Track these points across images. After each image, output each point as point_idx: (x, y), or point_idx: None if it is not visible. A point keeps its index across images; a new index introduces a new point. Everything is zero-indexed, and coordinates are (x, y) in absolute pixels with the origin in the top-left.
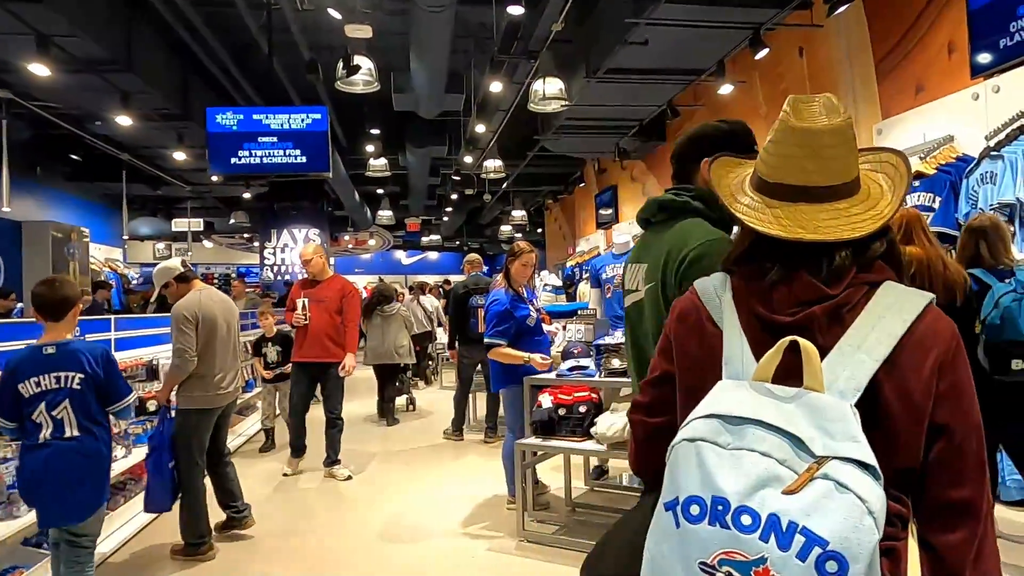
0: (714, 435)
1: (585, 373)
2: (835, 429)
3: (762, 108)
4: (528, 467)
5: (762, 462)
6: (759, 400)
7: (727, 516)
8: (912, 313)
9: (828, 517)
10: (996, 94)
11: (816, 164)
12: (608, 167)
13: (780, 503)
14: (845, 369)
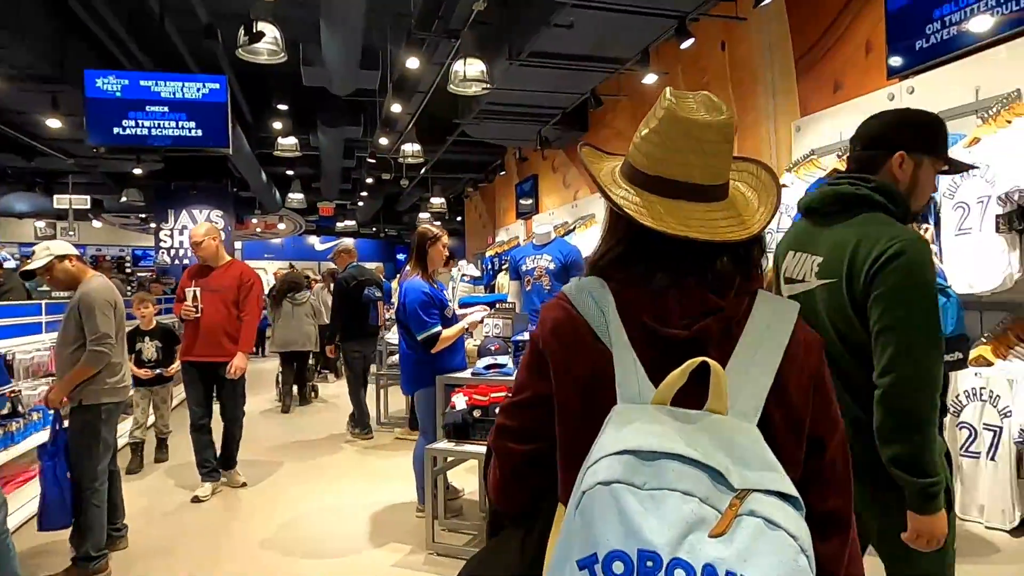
0: (629, 475)
1: (503, 372)
2: (748, 456)
3: None
4: (439, 473)
5: (686, 504)
6: (668, 429)
7: (659, 573)
8: (790, 324)
9: (763, 561)
10: (911, 95)
11: (700, 160)
12: (530, 156)
13: (712, 550)
14: (744, 387)
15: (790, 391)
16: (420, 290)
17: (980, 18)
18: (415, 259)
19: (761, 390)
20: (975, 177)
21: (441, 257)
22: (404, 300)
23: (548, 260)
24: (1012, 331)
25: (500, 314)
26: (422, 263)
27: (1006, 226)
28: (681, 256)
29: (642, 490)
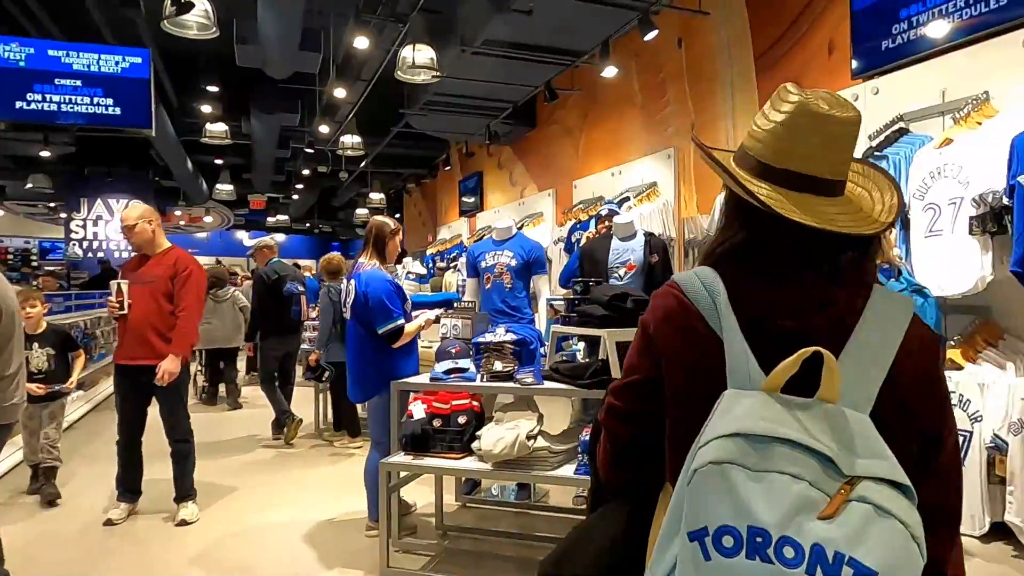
0: (740, 456)
1: (464, 377)
2: (859, 445)
3: (637, 97)
4: (394, 490)
5: (794, 486)
6: (779, 414)
7: (768, 549)
8: (906, 320)
9: (874, 546)
10: (875, 96)
11: (828, 155)
12: (476, 151)
13: (821, 532)
14: (856, 378)
15: (904, 386)
16: (385, 279)
17: (947, 19)
18: (372, 250)
19: (873, 382)
20: (947, 178)
21: (395, 252)
22: (365, 290)
23: (509, 256)
24: (980, 334)
25: (459, 314)
26: (380, 255)
27: (979, 228)
28: (800, 250)
29: (752, 471)
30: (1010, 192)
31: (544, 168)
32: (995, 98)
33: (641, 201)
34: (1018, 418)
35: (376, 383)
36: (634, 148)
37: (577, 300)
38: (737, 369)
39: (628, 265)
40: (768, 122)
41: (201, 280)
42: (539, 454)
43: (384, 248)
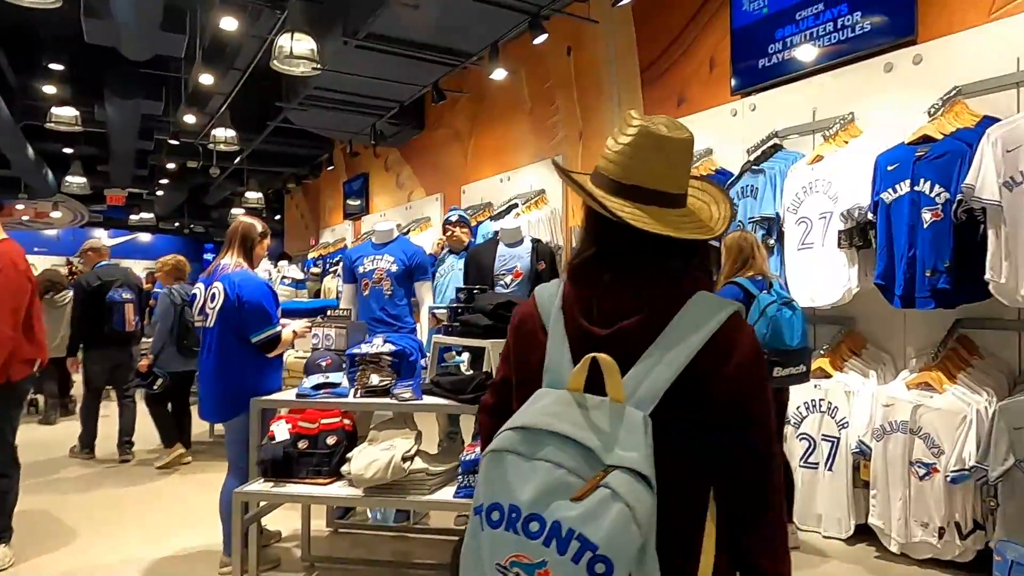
0: (518, 446)
1: (335, 392)
2: (622, 439)
3: (526, 104)
4: (252, 521)
5: (555, 472)
6: (563, 411)
7: (519, 523)
8: (716, 324)
9: (601, 524)
10: (753, 112)
11: (668, 171)
12: (361, 152)
13: (564, 511)
14: (646, 379)
15: (704, 385)
16: (262, 282)
17: (817, 43)
18: (239, 252)
19: (661, 383)
20: (818, 193)
21: (262, 257)
22: (239, 293)
23: (390, 261)
24: (846, 343)
25: (332, 323)
26: (248, 258)
27: (847, 242)
28: (632, 258)
29: (526, 458)
30: (874, 208)
31: (432, 172)
32: (859, 119)
33: (529, 208)
34: (880, 424)
35: (240, 400)
36: (523, 154)
37: (460, 309)
38: (551, 369)
39: (515, 272)
40: (617, 144)
41: (19, 279)
42: (416, 477)
43: (252, 251)
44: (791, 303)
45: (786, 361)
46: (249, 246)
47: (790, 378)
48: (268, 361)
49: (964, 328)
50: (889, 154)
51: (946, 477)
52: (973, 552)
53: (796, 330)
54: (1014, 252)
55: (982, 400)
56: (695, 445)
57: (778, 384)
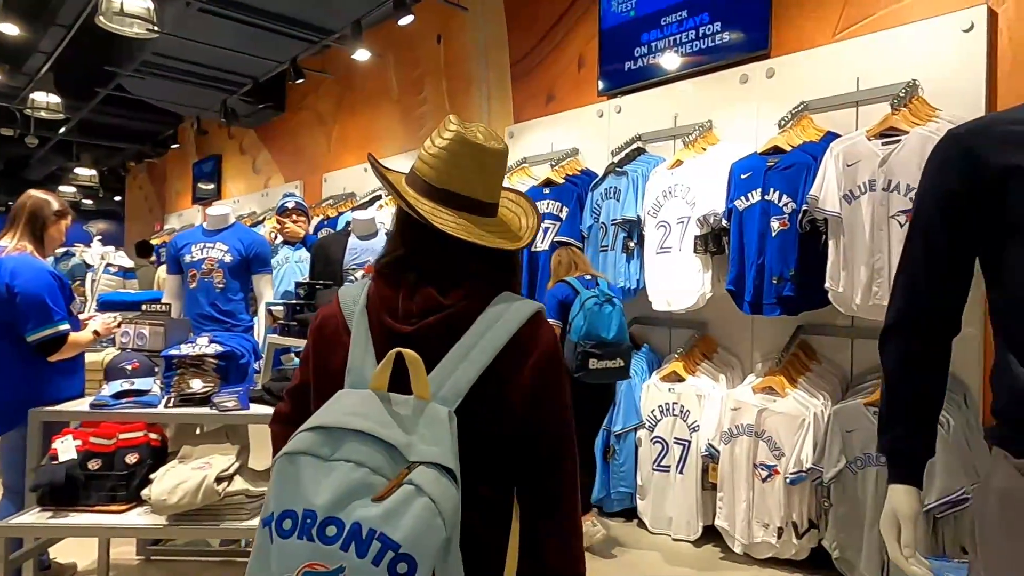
0: (316, 447)
1: (141, 401)
2: (427, 435)
3: (394, 91)
4: (24, 559)
5: (355, 472)
6: (366, 410)
7: (313, 529)
8: (517, 322)
9: (405, 522)
10: (618, 115)
11: (482, 180)
12: (212, 131)
13: (363, 512)
14: (450, 377)
15: (507, 379)
16: (45, 270)
17: (678, 50)
18: (24, 232)
19: (465, 380)
20: (677, 198)
21: (60, 242)
22: (10, 282)
23: (223, 251)
24: (698, 348)
25: (147, 319)
26: (36, 241)
27: (702, 247)
28: (433, 263)
29: (324, 460)
30: (728, 215)
31: (292, 157)
32: (717, 127)
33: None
34: (728, 428)
35: (16, 411)
36: (389, 144)
37: (299, 306)
38: (354, 369)
39: (366, 267)
40: (434, 147)
41: None
42: (233, 500)
43: (43, 233)
44: (612, 300)
45: (602, 353)
46: (39, 225)
47: (607, 371)
48: (62, 364)
49: (805, 334)
50: (743, 163)
51: (785, 478)
52: (807, 550)
53: (613, 324)
54: (851, 263)
55: (819, 404)
56: (498, 442)
57: (595, 378)
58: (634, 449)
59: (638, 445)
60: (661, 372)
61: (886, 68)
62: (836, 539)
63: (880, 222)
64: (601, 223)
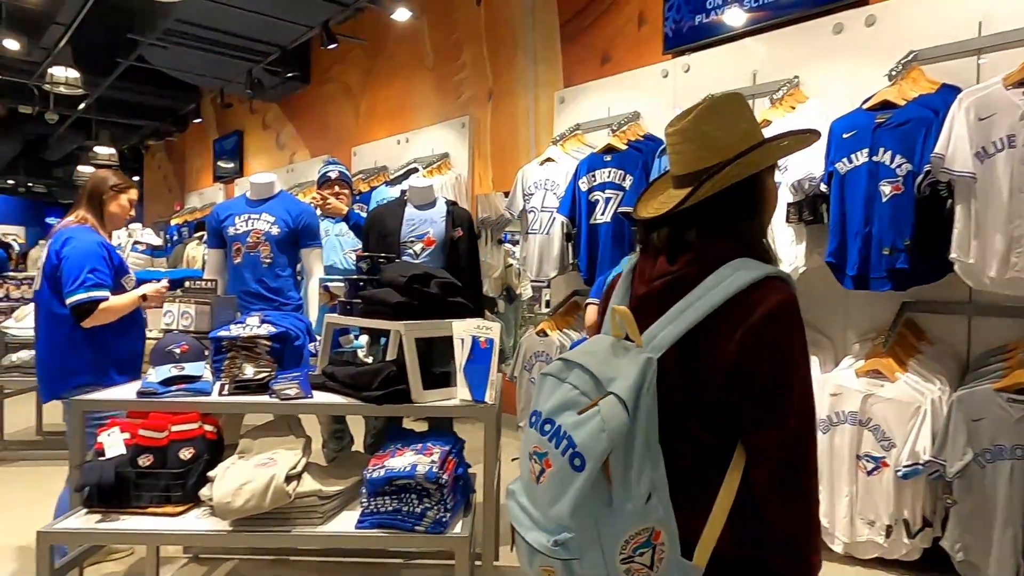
0: (557, 372)
1: (193, 388)
2: (625, 372)
3: (429, 58)
4: (70, 569)
5: (571, 392)
6: (594, 349)
7: (538, 424)
8: (735, 287)
9: (582, 430)
10: (686, 73)
11: (673, 156)
12: (235, 104)
13: (566, 419)
14: (661, 332)
15: (711, 341)
16: (93, 239)
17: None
18: (88, 208)
19: (671, 336)
20: None
21: (124, 216)
22: (59, 249)
23: (269, 222)
24: None
25: (192, 297)
26: (97, 216)
27: (796, 216)
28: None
29: (559, 380)
30: (827, 179)
31: (318, 131)
32: (804, 84)
33: (431, 173)
34: (827, 415)
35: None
36: (424, 114)
37: (362, 282)
38: (607, 319)
39: (426, 239)
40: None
41: None
42: (304, 502)
43: (102, 208)
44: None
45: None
46: (98, 201)
47: None
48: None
49: (912, 312)
50: (845, 120)
51: (896, 471)
52: (919, 551)
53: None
54: (984, 230)
55: (935, 389)
56: (702, 392)
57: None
58: None
59: None
60: None
61: (1015, 9)
62: (960, 539)
63: (1020, 183)
64: None
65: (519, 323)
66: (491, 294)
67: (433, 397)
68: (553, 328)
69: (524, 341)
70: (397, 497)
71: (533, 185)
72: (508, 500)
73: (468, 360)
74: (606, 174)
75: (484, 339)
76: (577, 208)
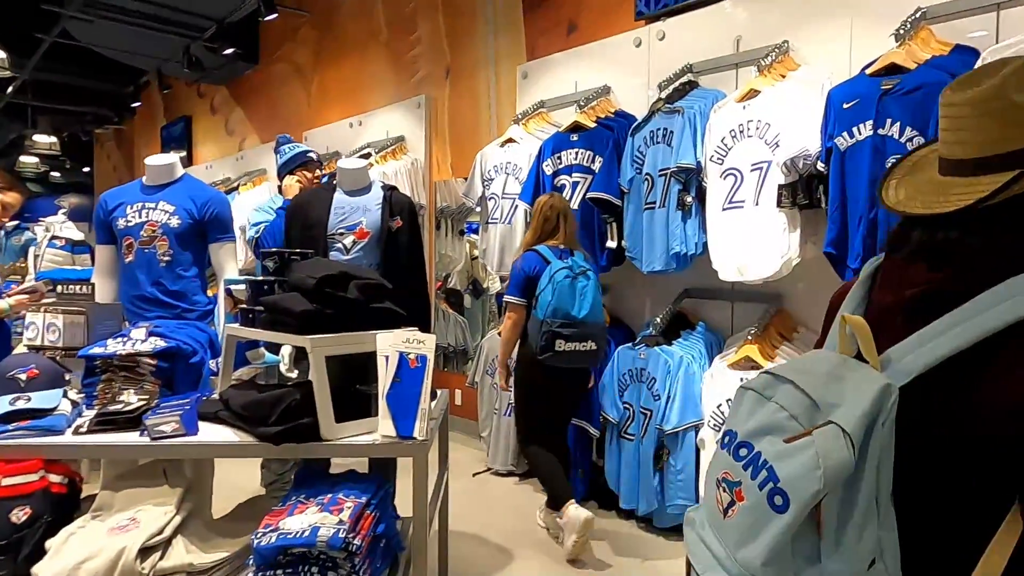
0: (761, 387)
1: (38, 425)
2: (852, 399)
3: (383, 33)
4: None
5: (778, 413)
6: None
7: (732, 446)
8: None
9: (789, 463)
10: (661, 41)
11: (946, 135)
12: (180, 90)
13: (769, 446)
14: (909, 354)
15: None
16: None
17: None
18: None
19: (922, 361)
20: (751, 138)
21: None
22: None
23: (168, 212)
24: (774, 326)
25: (62, 304)
26: None
27: (789, 200)
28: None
29: (763, 397)
30: (825, 156)
31: (268, 115)
32: (795, 50)
33: (385, 158)
34: None
35: None
36: (378, 95)
37: (266, 284)
38: (833, 333)
39: (358, 231)
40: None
41: None
42: None
43: None
44: (587, 272)
45: (571, 334)
46: None
47: (575, 355)
48: None
49: None
50: (846, 87)
51: None
52: None
53: (586, 301)
54: None
55: None
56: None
57: (562, 362)
58: (695, 452)
59: (700, 448)
60: (728, 357)
61: None
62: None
63: None
64: (646, 174)
65: (488, 319)
66: (458, 287)
67: (349, 432)
68: None
69: (486, 343)
70: (293, 571)
71: (493, 169)
72: (686, 528)
73: (393, 383)
74: (573, 155)
75: (414, 356)
76: (541, 193)
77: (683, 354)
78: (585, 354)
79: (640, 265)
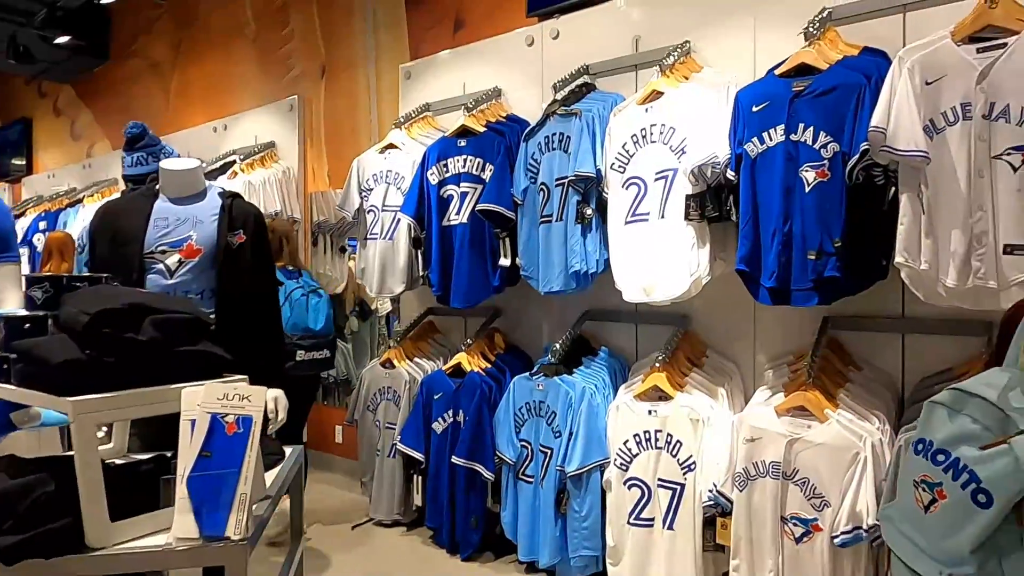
0: (950, 401)
1: None
2: None
3: (250, 27)
4: None
5: (972, 425)
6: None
7: (929, 453)
8: None
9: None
10: (555, 40)
11: None
12: (14, 86)
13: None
14: None
15: None
16: None
17: None
18: None
19: None
20: (655, 143)
21: None
22: None
23: None
24: (682, 351)
25: None
26: None
27: (696, 211)
28: None
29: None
30: (735, 163)
31: (121, 117)
32: (697, 51)
33: (252, 166)
34: (743, 467)
35: None
36: (245, 95)
37: (27, 322)
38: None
39: (186, 248)
40: None
41: None
42: None
43: None
44: (317, 290)
45: (310, 345)
46: None
47: (313, 363)
48: None
49: (835, 329)
50: (755, 89)
51: (832, 537)
52: None
53: (321, 314)
54: (938, 226)
55: (874, 430)
56: None
57: (302, 370)
58: (600, 495)
59: (606, 489)
60: (633, 388)
61: None
62: None
63: (981, 165)
64: (541, 184)
65: (378, 344)
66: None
67: (131, 534)
68: (401, 358)
69: (366, 375)
70: None
71: (372, 178)
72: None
73: (199, 459)
74: (460, 163)
75: (233, 419)
76: (426, 206)
77: (585, 384)
78: (321, 362)
79: (536, 285)
